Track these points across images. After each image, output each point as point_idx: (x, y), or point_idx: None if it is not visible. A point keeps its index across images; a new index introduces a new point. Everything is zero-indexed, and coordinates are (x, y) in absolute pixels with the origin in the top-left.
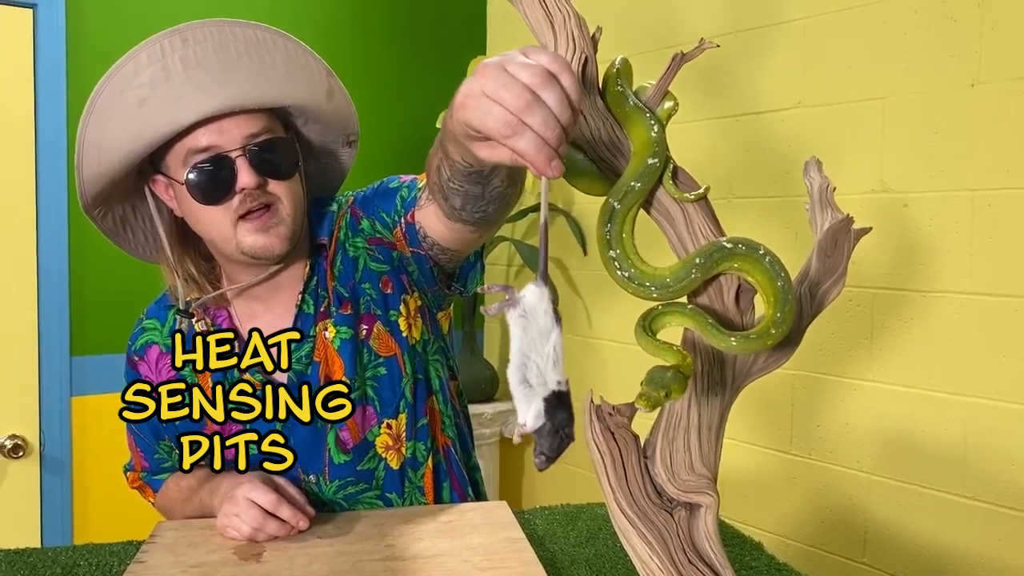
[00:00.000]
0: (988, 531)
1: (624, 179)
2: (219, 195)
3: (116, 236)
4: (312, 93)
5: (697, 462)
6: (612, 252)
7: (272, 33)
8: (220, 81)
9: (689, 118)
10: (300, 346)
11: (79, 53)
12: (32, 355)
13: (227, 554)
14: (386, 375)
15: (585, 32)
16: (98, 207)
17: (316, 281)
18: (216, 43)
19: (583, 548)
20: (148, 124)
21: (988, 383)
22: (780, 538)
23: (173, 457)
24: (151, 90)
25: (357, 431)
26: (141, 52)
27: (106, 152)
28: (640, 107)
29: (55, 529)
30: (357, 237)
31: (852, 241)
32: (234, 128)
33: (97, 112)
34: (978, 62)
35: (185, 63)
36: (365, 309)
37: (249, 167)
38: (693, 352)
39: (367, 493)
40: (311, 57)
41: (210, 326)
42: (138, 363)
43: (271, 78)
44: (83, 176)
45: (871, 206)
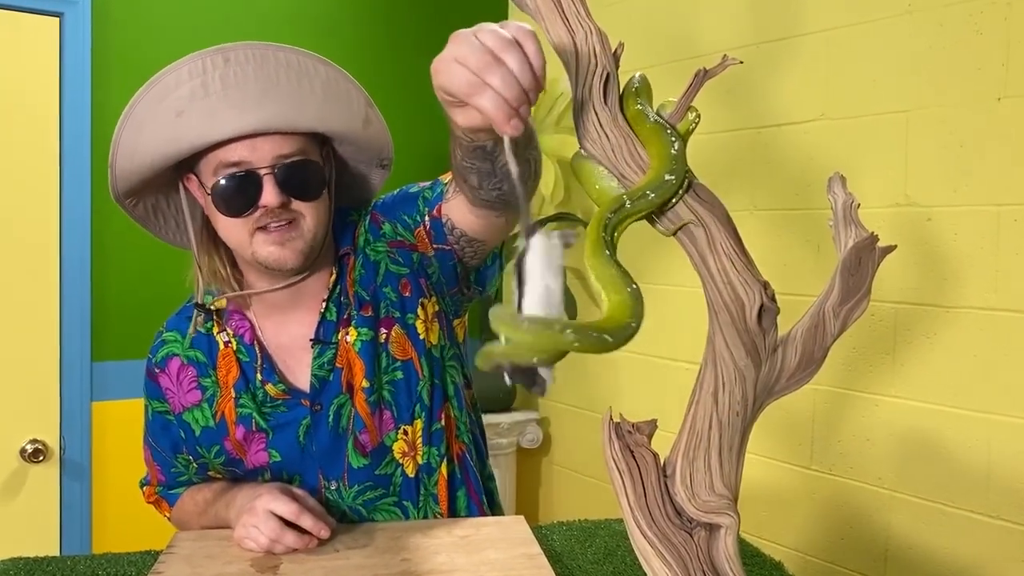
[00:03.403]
0: (1011, 550)
1: (641, 185)
2: (241, 208)
3: (147, 222)
4: (348, 121)
5: (718, 482)
6: (606, 236)
7: (314, 60)
8: (256, 103)
9: (711, 129)
10: (323, 352)
11: (104, 61)
12: (53, 360)
13: (244, 566)
14: (402, 379)
15: (607, 48)
16: (129, 199)
17: (339, 290)
18: (257, 65)
19: (601, 565)
20: (182, 134)
21: (1012, 400)
22: (799, 554)
23: (191, 470)
24: (189, 103)
25: (375, 434)
26: (184, 66)
27: (139, 154)
28: (661, 124)
29: (74, 534)
30: (379, 241)
31: (877, 259)
32: (266, 146)
33: (135, 116)
34: (1004, 76)
35: (224, 82)
36: (385, 312)
37: (275, 186)
38: (712, 364)
39: (385, 499)
40: (351, 85)
41: (232, 337)
42: (159, 375)
43: (308, 104)
44: (116, 173)
45: (895, 220)
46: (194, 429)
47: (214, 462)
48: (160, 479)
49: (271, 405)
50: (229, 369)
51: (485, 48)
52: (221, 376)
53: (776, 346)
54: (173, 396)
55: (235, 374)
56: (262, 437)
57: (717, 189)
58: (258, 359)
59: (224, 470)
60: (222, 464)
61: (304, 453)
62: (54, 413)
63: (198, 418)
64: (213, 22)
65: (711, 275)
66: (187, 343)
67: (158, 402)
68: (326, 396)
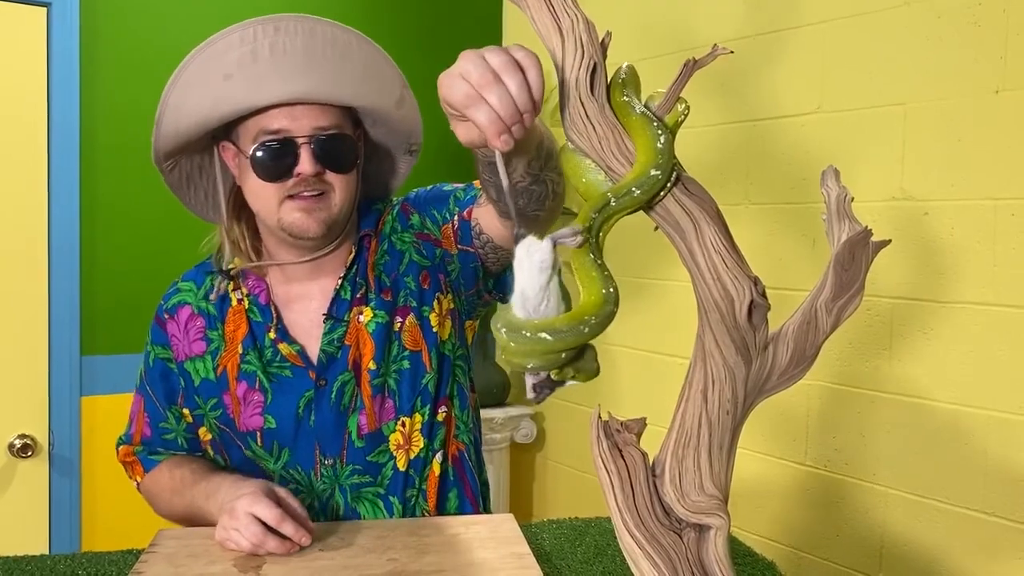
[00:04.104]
0: (1008, 548)
1: (626, 181)
2: (278, 175)
3: (179, 190)
4: (383, 99)
5: (707, 482)
6: (591, 237)
7: (357, 37)
8: (301, 72)
9: (706, 122)
10: (334, 328)
11: (92, 53)
12: (42, 354)
13: (227, 565)
14: (409, 369)
15: (594, 37)
16: (168, 161)
17: (356, 269)
18: (304, 37)
19: (591, 565)
20: (229, 98)
21: (1009, 396)
22: (794, 551)
23: (179, 428)
24: (237, 68)
25: (374, 419)
26: (234, 33)
27: (185, 115)
28: (647, 116)
29: (63, 528)
30: (406, 232)
31: (870, 254)
32: (305, 117)
33: (185, 78)
34: (1003, 68)
35: (273, 50)
36: (403, 302)
37: (311, 156)
38: (701, 361)
39: (370, 488)
40: (389, 66)
41: (245, 296)
42: (167, 321)
43: (348, 79)
44: (160, 132)
45: (891, 214)
46: (194, 379)
47: (210, 415)
48: (145, 434)
49: (277, 366)
50: (238, 325)
51: (488, 67)
52: (228, 331)
53: (767, 343)
54: (178, 344)
55: (244, 331)
56: (260, 400)
57: (711, 182)
58: (273, 319)
59: (217, 428)
60: (217, 419)
61: (300, 426)
62: (43, 408)
63: (199, 369)
64: (202, 14)
65: (700, 271)
66: (201, 294)
67: (161, 348)
68: (331, 372)
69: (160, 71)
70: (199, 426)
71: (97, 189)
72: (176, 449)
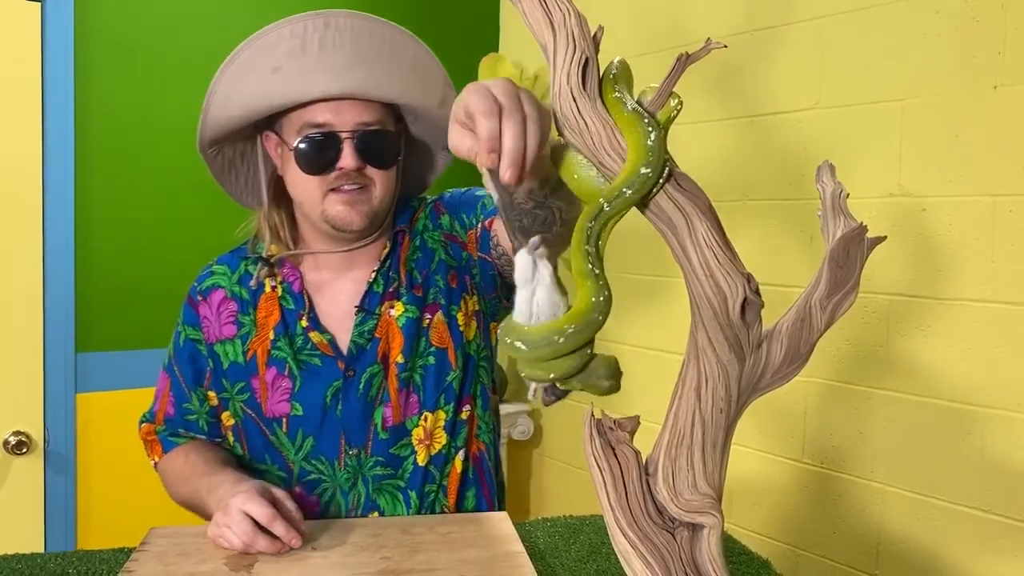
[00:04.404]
0: (1005, 545)
1: (617, 183)
2: (320, 168)
3: (221, 176)
4: (427, 97)
5: (701, 481)
6: (588, 247)
7: (405, 35)
8: (348, 68)
9: (703, 118)
10: (365, 321)
11: (87, 47)
12: (37, 351)
13: (218, 564)
14: (434, 365)
15: (586, 31)
16: (212, 148)
17: (390, 264)
18: (353, 33)
19: (584, 563)
20: (277, 89)
21: (1007, 393)
22: (790, 548)
23: (202, 411)
24: (286, 61)
25: (399, 413)
26: (285, 27)
27: (233, 104)
28: (638, 112)
29: (58, 526)
30: (436, 230)
31: (866, 251)
32: (350, 112)
33: (234, 69)
34: (1001, 64)
35: (322, 45)
36: (432, 299)
37: (354, 150)
38: (694, 359)
39: (391, 481)
40: (435, 65)
41: (279, 283)
42: (200, 303)
43: (393, 76)
44: (207, 121)
45: (888, 210)
46: (223, 361)
47: (236, 399)
48: (168, 413)
49: (308, 354)
50: (270, 312)
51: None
52: (260, 317)
53: (761, 341)
54: (209, 326)
55: (276, 317)
56: (288, 387)
57: (709, 179)
58: (306, 307)
59: (242, 412)
60: (244, 403)
61: (327, 415)
62: (38, 404)
63: (228, 352)
64: (197, 9)
65: (692, 268)
66: (235, 278)
67: (192, 329)
68: (360, 363)
69: (155, 66)
70: (223, 410)
71: (92, 185)
72: (197, 432)
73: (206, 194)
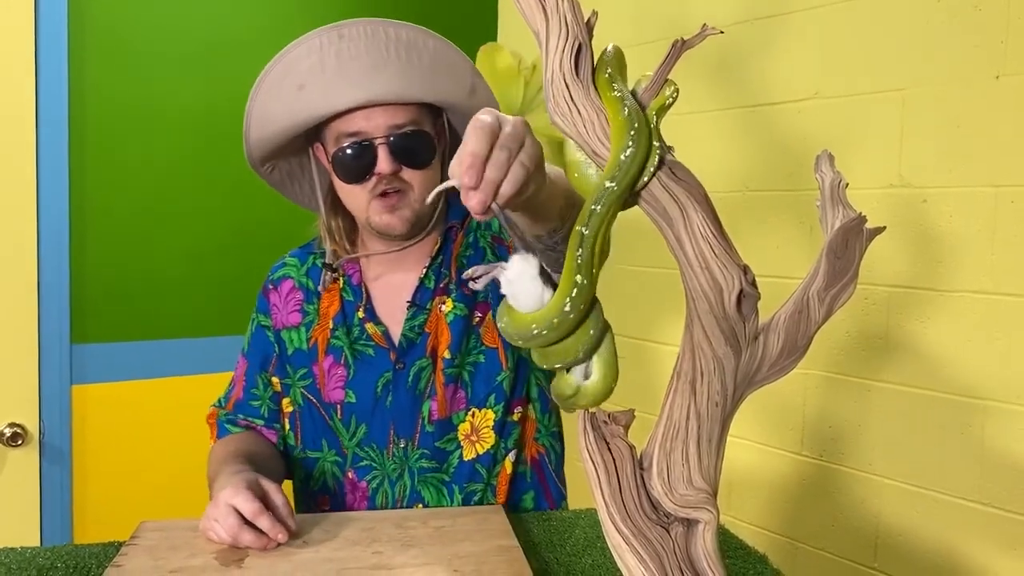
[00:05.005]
0: (1005, 539)
1: (601, 180)
2: (358, 176)
3: (282, 187)
4: (455, 90)
5: (696, 475)
6: (578, 252)
7: (422, 33)
8: (368, 76)
9: (703, 108)
10: (416, 315)
11: (81, 37)
12: (32, 343)
13: (208, 559)
14: (484, 363)
15: (579, 17)
16: (265, 165)
17: (441, 260)
18: (368, 40)
19: (579, 558)
20: (304, 107)
21: (1007, 386)
22: (789, 540)
23: (265, 397)
24: (309, 78)
25: (445, 408)
26: (302, 45)
27: (270, 124)
28: (621, 99)
29: (54, 518)
30: (487, 231)
31: (864, 242)
32: (380, 117)
33: (264, 89)
34: (1003, 53)
35: (339, 57)
36: (483, 297)
37: (388, 154)
38: (690, 352)
39: (436, 474)
40: (457, 56)
41: (341, 275)
42: (271, 291)
43: (416, 76)
44: (251, 141)
45: (888, 201)
46: (288, 348)
47: (298, 384)
48: (239, 398)
49: (363, 343)
50: (332, 302)
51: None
52: (323, 307)
53: (757, 333)
54: (278, 313)
55: (336, 308)
56: (343, 374)
57: (709, 169)
58: (363, 299)
59: (303, 397)
60: (305, 388)
61: (378, 404)
62: (33, 396)
63: (293, 339)
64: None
65: (688, 260)
66: (303, 270)
67: (264, 316)
68: (410, 356)
69: (149, 56)
70: (284, 396)
71: (86, 176)
72: (257, 417)
73: (201, 185)
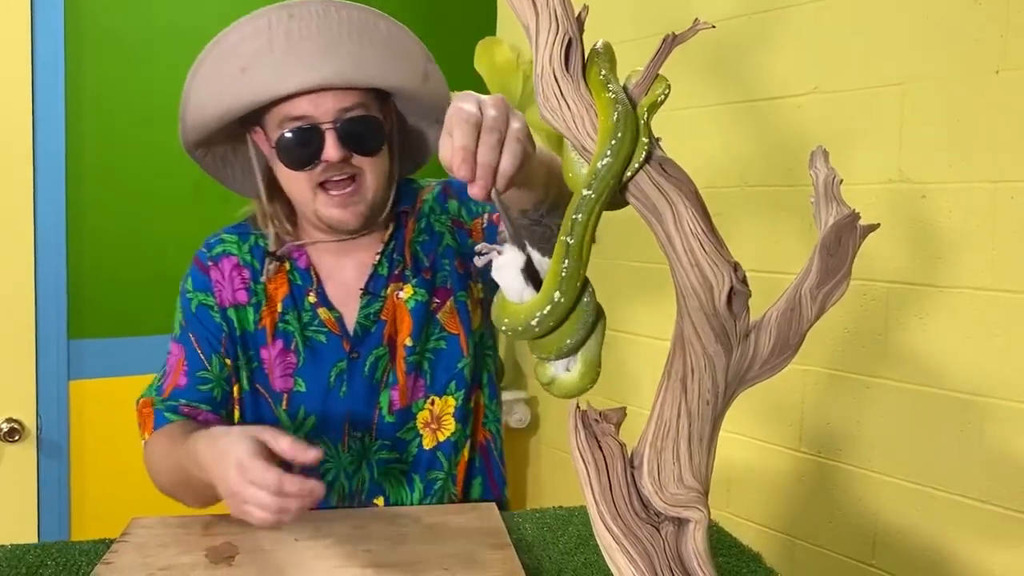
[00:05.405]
0: (1004, 537)
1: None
2: (304, 162)
3: (216, 172)
4: (408, 76)
5: (687, 474)
6: (567, 238)
7: (375, 16)
8: (319, 58)
9: (701, 103)
10: (370, 303)
11: (78, 31)
12: (29, 338)
13: (199, 556)
14: (445, 350)
15: (570, 11)
16: (199, 149)
17: (394, 246)
18: (320, 21)
19: (572, 556)
20: (249, 89)
21: (1007, 383)
22: (787, 537)
23: (220, 377)
24: (253, 59)
25: (406, 397)
26: (248, 24)
27: (208, 108)
28: (613, 98)
29: (52, 513)
30: (444, 215)
31: (858, 238)
32: (329, 101)
33: (203, 72)
34: (1003, 47)
35: (289, 37)
36: (441, 283)
37: (337, 140)
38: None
39: (396, 465)
40: (412, 41)
41: (287, 258)
42: (210, 268)
43: (369, 59)
44: (185, 127)
45: (887, 197)
46: (236, 327)
47: (245, 368)
48: (179, 384)
49: (314, 329)
50: (279, 285)
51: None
52: (271, 289)
53: (748, 331)
54: (222, 290)
55: (284, 291)
56: (292, 362)
57: (707, 164)
58: (313, 283)
59: (250, 383)
60: (253, 372)
61: (330, 395)
62: (30, 392)
63: (241, 318)
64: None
65: (677, 256)
66: (246, 247)
67: (204, 294)
68: (365, 346)
69: (146, 52)
70: (234, 377)
71: (83, 172)
72: (206, 402)
73: (198, 180)
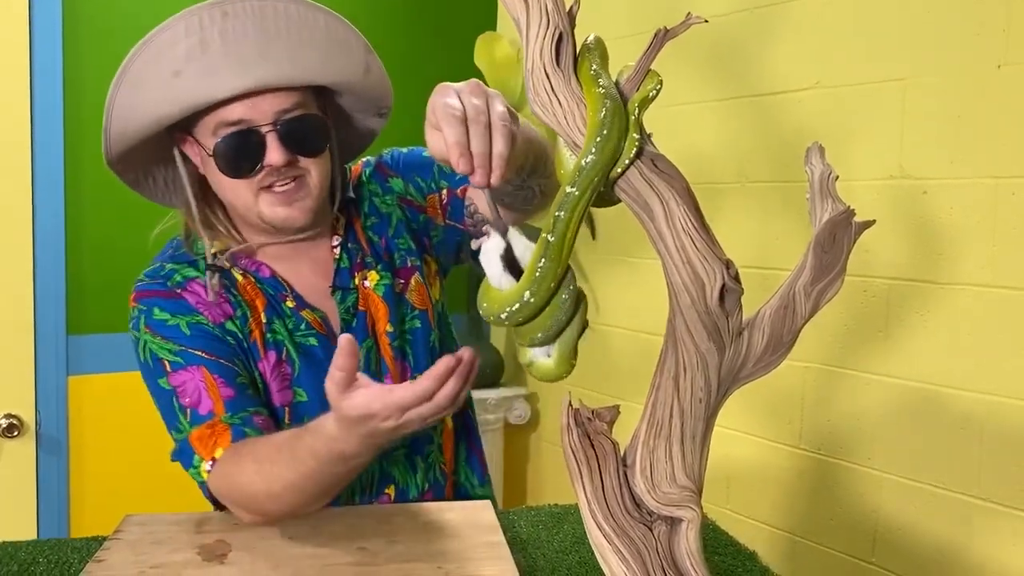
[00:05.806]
0: (1004, 534)
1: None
2: (246, 169)
3: (137, 185)
4: (348, 71)
5: (680, 473)
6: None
7: (313, 9)
8: (257, 58)
9: (702, 98)
10: (345, 298)
11: (75, 27)
12: (28, 333)
13: (191, 554)
14: (420, 328)
15: (560, 5)
16: (122, 163)
17: (349, 236)
18: (256, 18)
19: (566, 555)
20: (182, 95)
21: (1007, 380)
22: (787, 535)
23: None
24: (186, 63)
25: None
26: (179, 23)
27: (137, 116)
28: (605, 96)
29: (51, 509)
30: (388, 195)
31: (853, 235)
32: (266, 103)
33: (130, 78)
34: (1005, 42)
35: (224, 37)
36: (401, 263)
37: (279, 143)
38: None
39: (398, 451)
40: (351, 34)
41: (247, 273)
42: (182, 294)
43: (308, 56)
44: (110, 136)
45: (888, 192)
46: (242, 339)
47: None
48: (228, 395)
49: (303, 334)
50: (255, 296)
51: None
52: (248, 297)
53: (741, 329)
54: (207, 308)
55: (263, 300)
56: (288, 372)
57: (707, 160)
58: (286, 289)
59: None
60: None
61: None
62: (29, 387)
63: (238, 331)
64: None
65: (669, 253)
66: (201, 268)
67: (192, 316)
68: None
69: None
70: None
71: (81, 167)
72: (265, 406)
73: None
